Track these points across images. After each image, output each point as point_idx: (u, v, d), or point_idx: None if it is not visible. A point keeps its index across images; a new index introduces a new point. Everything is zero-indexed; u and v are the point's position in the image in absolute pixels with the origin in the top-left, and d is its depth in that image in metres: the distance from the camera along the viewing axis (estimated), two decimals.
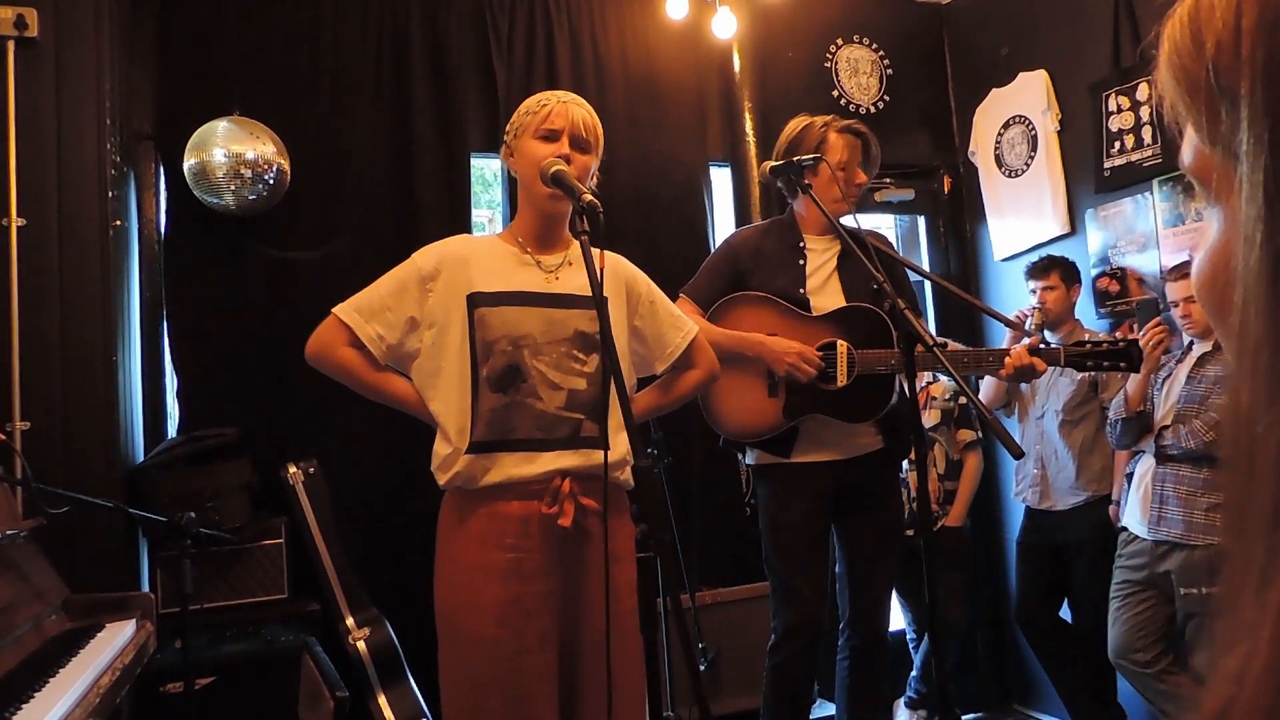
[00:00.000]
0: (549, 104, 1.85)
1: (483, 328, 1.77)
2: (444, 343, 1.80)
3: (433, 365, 1.81)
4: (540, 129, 1.83)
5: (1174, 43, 0.43)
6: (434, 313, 1.81)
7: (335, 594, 2.83)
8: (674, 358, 1.98)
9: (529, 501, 1.75)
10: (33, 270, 2.50)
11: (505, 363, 1.76)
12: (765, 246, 2.53)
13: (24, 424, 2.44)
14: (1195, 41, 0.41)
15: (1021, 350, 2.25)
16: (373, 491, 3.12)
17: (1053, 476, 3.29)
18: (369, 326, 1.80)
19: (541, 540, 1.75)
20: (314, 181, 3.12)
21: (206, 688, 2.50)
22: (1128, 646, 2.91)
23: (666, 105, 3.66)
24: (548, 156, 1.79)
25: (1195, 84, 0.41)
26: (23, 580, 2.01)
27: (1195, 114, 0.42)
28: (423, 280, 1.83)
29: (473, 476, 1.76)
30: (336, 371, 1.84)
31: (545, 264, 1.87)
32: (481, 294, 1.79)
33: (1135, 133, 3.37)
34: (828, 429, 2.42)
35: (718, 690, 3.14)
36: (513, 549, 1.74)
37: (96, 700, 1.69)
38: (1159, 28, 0.44)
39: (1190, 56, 0.41)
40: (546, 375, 1.77)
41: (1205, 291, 0.44)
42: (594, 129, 1.88)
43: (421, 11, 3.31)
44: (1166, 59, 0.43)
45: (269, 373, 3.03)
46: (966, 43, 4.21)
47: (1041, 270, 3.32)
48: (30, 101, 2.53)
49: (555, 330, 1.79)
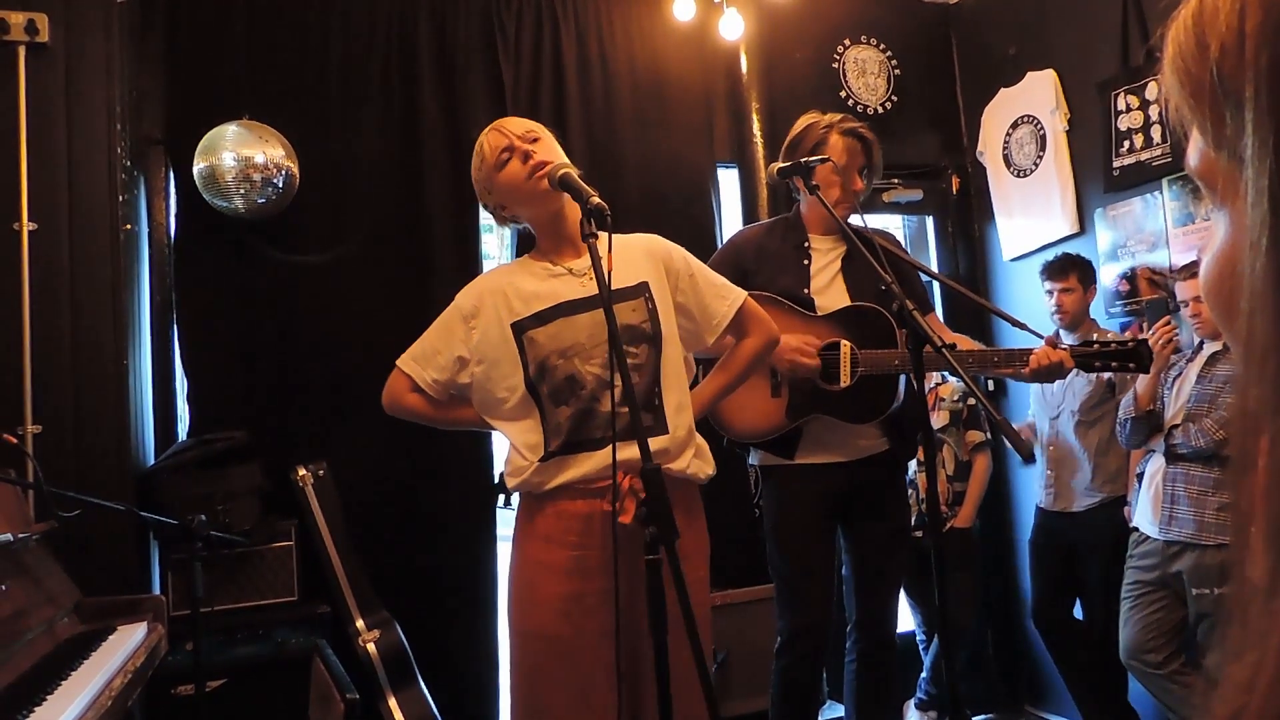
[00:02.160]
0: (481, 144, 1.92)
1: (533, 348, 1.83)
2: (497, 375, 1.87)
3: (491, 397, 1.89)
4: (495, 160, 1.88)
5: (1178, 45, 0.42)
6: (481, 349, 1.88)
7: (345, 596, 2.84)
8: (721, 328, 1.98)
9: (593, 500, 1.79)
10: (44, 274, 2.52)
11: (562, 376, 1.81)
12: (770, 245, 2.51)
13: (36, 427, 2.45)
14: (1199, 44, 0.41)
15: (1046, 349, 2.20)
16: (382, 494, 3.12)
17: (1068, 478, 3.27)
18: (425, 373, 1.92)
19: (604, 538, 1.76)
20: (323, 185, 3.13)
21: (217, 690, 2.51)
22: (1139, 647, 2.90)
23: (674, 106, 3.66)
24: (521, 170, 1.84)
25: (1200, 87, 0.41)
26: (35, 583, 2.02)
27: (1200, 117, 0.42)
28: (465, 319, 1.91)
29: (541, 482, 1.82)
30: (408, 416, 1.98)
31: (576, 269, 1.90)
32: (524, 319, 1.85)
33: (1144, 132, 3.36)
34: (831, 431, 2.40)
35: (727, 692, 3.14)
36: (576, 546, 1.79)
37: (109, 703, 1.70)
38: (1163, 29, 0.43)
39: (1194, 60, 0.41)
40: (601, 376, 1.80)
41: (1212, 296, 0.44)
42: (528, 123, 1.93)
43: (428, 14, 3.32)
44: (1171, 62, 0.43)
45: (279, 375, 3.04)
46: (974, 42, 4.20)
47: (1059, 271, 3.27)
48: (41, 106, 2.55)
49: (600, 331, 1.79)
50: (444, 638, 3.05)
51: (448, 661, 3.02)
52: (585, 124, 3.44)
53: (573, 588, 1.77)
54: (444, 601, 3.10)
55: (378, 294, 3.14)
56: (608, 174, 3.41)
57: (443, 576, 3.11)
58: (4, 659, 1.71)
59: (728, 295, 1.99)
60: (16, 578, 1.93)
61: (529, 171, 1.83)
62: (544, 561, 1.80)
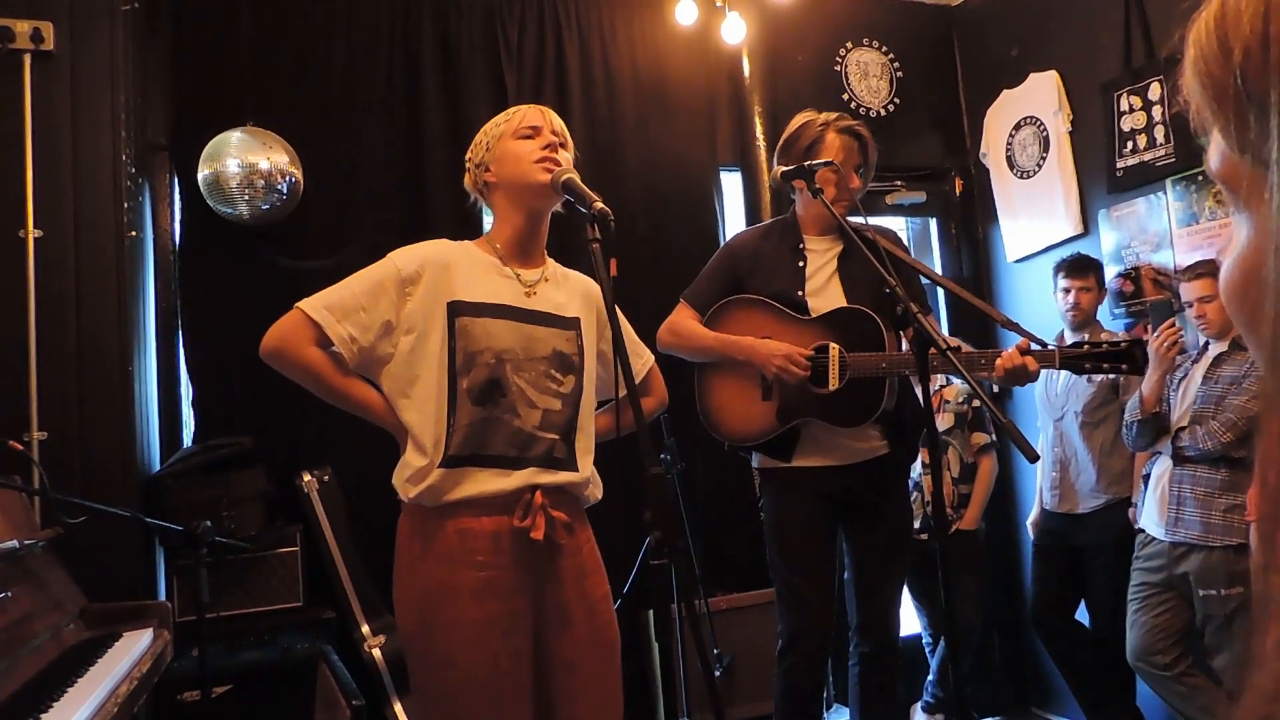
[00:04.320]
0: (520, 110, 1.87)
1: (465, 338, 1.71)
2: (422, 350, 1.72)
3: (409, 373, 1.73)
4: (518, 130, 1.83)
5: (1200, 48, 0.42)
6: (413, 318, 1.73)
7: (350, 602, 2.84)
8: None
9: (500, 516, 1.70)
10: (49, 281, 2.52)
11: (487, 376, 1.71)
12: (765, 249, 2.51)
13: (41, 434, 2.46)
14: (1223, 48, 0.40)
15: (1013, 352, 2.11)
16: (387, 499, 3.09)
17: (1073, 479, 3.27)
18: (340, 326, 1.70)
19: (514, 556, 1.70)
20: (327, 191, 3.14)
21: (223, 696, 2.51)
22: (1146, 649, 2.89)
23: (676, 110, 3.67)
24: (534, 151, 1.79)
25: (1222, 91, 0.41)
26: (41, 589, 2.03)
27: (1223, 121, 0.41)
28: (402, 283, 1.74)
29: (443, 490, 1.70)
30: (297, 371, 1.73)
31: (524, 278, 1.83)
32: (463, 303, 1.73)
33: (1148, 132, 3.36)
34: (829, 433, 2.39)
35: (733, 696, 3.14)
36: (484, 566, 1.68)
37: (115, 709, 1.70)
38: (1183, 31, 0.43)
39: (1217, 63, 0.41)
40: (526, 392, 1.74)
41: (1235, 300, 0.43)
42: (564, 129, 1.90)
43: (432, 20, 3.33)
44: (1193, 64, 0.42)
45: (283, 381, 3.01)
46: (976, 44, 4.20)
47: (1079, 270, 3.25)
48: (46, 113, 2.56)
49: (534, 348, 1.76)
50: None
51: None
52: (588, 128, 3.45)
53: (485, 611, 1.66)
54: None
55: None
56: (611, 178, 3.42)
57: None
58: (10, 665, 1.71)
59: (641, 354, 2.05)
60: (22, 584, 1.94)
61: (540, 157, 1.78)
62: (448, 583, 1.67)
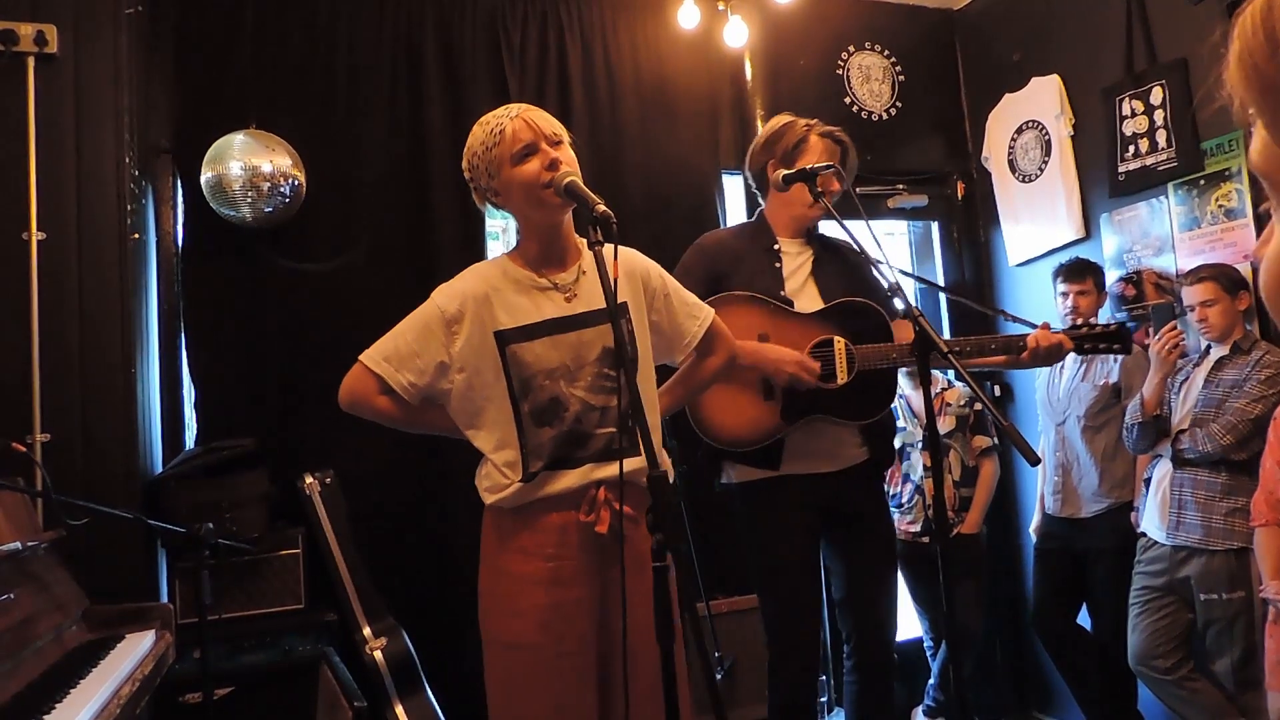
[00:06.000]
0: (503, 126, 1.79)
1: (517, 364, 1.78)
2: (479, 384, 1.81)
3: (471, 406, 1.83)
4: (513, 153, 1.78)
5: (1245, 42, 0.42)
6: (463, 356, 1.81)
7: (352, 604, 2.84)
8: (691, 346, 1.99)
9: (567, 512, 1.79)
10: (52, 283, 2.53)
11: (546, 397, 1.78)
12: (741, 248, 2.47)
13: (44, 436, 2.46)
14: (1270, 42, 0.41)
15: (1043, 331, 2.28)
16: (389, 501, 3.13)
17: (1075, 483, 3.26)
18: (400, 375, 1.81)
19: (579, 548, 1.78)
20: (330, 194, 3.14)
21: (225, 698, 2.51)
22: (1148, 653, 2.89)
23: (679, 114, 3.67)
24: (539, 174, 1.76)
25: (1269, 84, 0.41)
26: (43, 591, 2.03)
27: (1268, 114, 0.42)
28: (447, 323, 1.81)
29: (519, 498, 1.80)
30: (374, 418, 1.88)
31: (561, 283, 1.85)
32: (509, 330, 1.79)
33: (1149, 136, 3.36)
34: (817, 438, 2.35)
35: (734, 698, 3.14)
36: (553, 558, 1.78)
37: (117, 711, 1.70)
38: (1228, 26, 0.43)
39: (1264, 57, 0.41)
40: (585, 399, 1.79)
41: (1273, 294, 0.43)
42: (555, 123, 1.85)
43: (435, 23, 3.34)
44: (1238, 58, 0.43)
45: (286, 383, 3.05)
46: (978, 48, 4.20)
47: (1077, 274, 3.28)
48: (50, 116, 2.56)
49: (584, 353, 1.79)
50: (451, 645, 3.05)
51: (455, 669, 3.02)
52: (591, 131, 3.45)
53: (551, 598, 1.77)
54: (451, 609, 3.10)
55: (384, 302, 3.10)
56: (613, 181, 3.42)
57: (449, 584, 3.10)
58: (13, 667, 1.72)
59: (698, 314, 1.99)
60: (25, 585, 1.94)
61: (548, 180, 1.76)
62: (522, 574, 1.79)
